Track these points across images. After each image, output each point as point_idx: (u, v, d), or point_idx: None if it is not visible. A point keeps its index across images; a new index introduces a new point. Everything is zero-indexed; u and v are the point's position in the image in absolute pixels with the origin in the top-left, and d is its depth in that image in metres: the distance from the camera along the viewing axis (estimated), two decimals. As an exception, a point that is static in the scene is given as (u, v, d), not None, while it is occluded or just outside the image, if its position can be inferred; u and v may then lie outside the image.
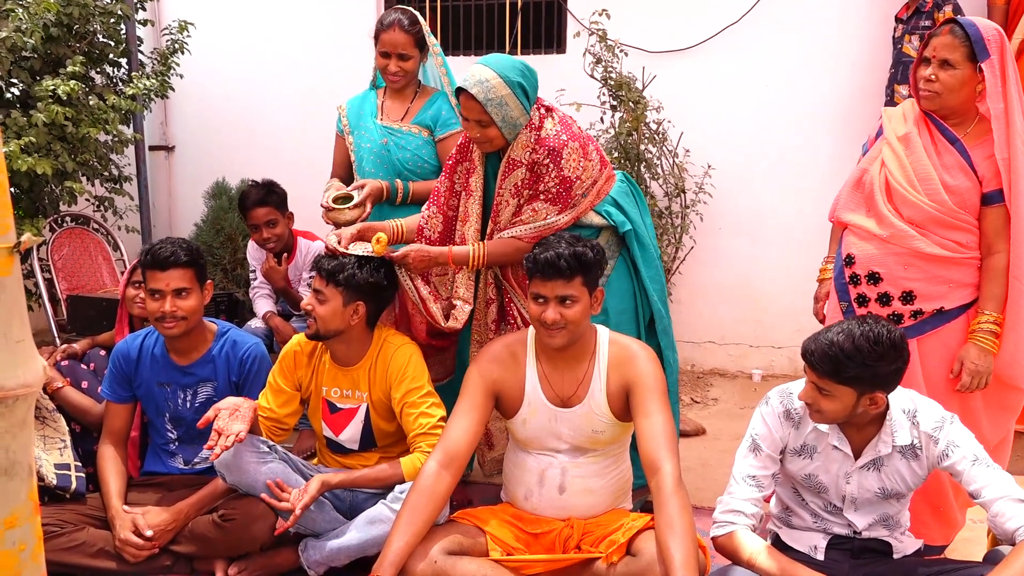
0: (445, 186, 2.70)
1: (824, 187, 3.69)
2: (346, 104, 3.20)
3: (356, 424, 2.57)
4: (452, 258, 2.54)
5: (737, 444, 2.18)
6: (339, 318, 2.47)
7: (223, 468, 2.39)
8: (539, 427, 2.31)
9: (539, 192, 2.52)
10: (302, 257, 3.62)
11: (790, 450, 2.13)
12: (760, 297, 4.61)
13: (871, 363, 1.89)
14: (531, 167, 2.52)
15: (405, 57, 2.97)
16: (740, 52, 4.49)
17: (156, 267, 2.51)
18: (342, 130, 3.15)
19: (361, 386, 2.55)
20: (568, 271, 2.17)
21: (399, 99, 3.09)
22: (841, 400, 1.95)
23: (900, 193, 2.38)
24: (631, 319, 2.66)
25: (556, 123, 2.55)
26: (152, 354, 2.63)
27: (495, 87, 2.43)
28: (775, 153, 4.51)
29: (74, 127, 3.89)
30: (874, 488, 2.08)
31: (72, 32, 4.16)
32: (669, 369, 2.74)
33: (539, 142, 2.50)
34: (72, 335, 3.67)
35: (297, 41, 5.17)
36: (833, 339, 1.92)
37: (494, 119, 2.45)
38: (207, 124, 5.38)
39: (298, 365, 2.60)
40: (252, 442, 2.40)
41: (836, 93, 4.38)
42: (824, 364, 1.92)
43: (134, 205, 4.90)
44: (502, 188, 2.56)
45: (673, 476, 2.05)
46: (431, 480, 2.15)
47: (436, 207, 2.70)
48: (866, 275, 2.44)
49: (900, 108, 2.53)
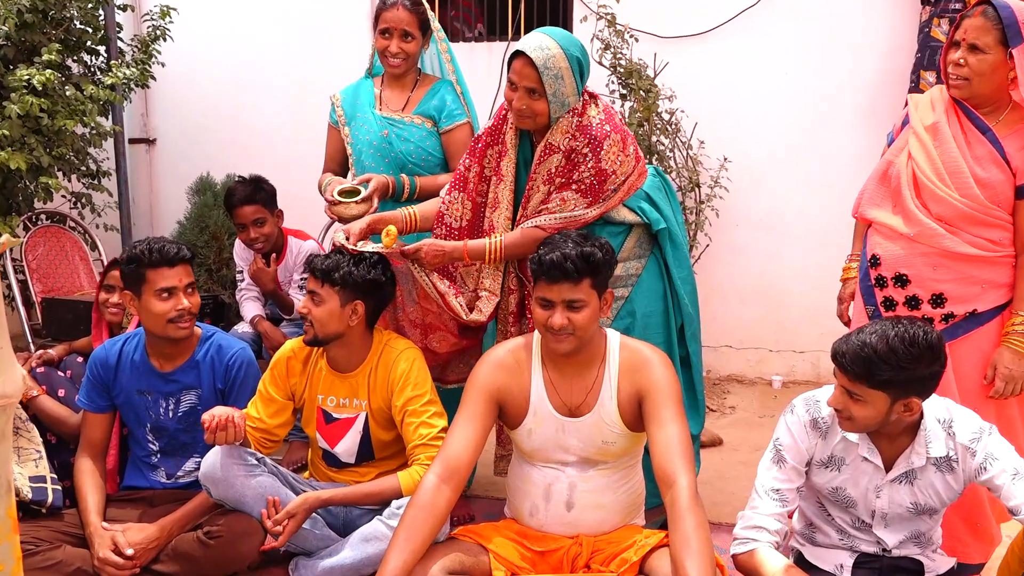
0: (474, 171, 2.67)
1: (848, 179, 3.68)
2: (340, 94, 3.16)
3: (354, 435, 2.56)
4: (468, 252, 2.55)
5: (756, 455, 2.18)
6: (337, 320, 2.46)
7: (208, 482, 2.39)
8: (545, 438, 2.30)
9: (572, 181, 2.52)
10: (292, 258, 3.61)
11: (816, 461, 2.12)
12: (781, 298, 4.60)
13: (906, 365, 1.89)
14: (568, 154, 2.52)
15: (408, 37, 2.94)
16: (758, 37, 4.48)
17: (166, 264, 2.52)
18: (336, 122, 3.13)
19: (360, 393, 2.55)
20: (576, 273, 2.16)
21: (399, 88, 3.06)
22: (874, 406, 1.94)
23: (928, 188, 2.37)
24: (660, 323, 2.65)
25: (600, 111, 2.55)
26: (132, 360, 2.63)
27: (555, 57, 2.43)
28: (795, 144, 4.49)
29: (50, 119, 3.90)
30: (906, 503, 2.07)
31: (48, 18, 4.16)
32: (698, 377, 2.73)
33: (580, 129, 2.51)
34: (48, 340, 3.67)
35: (287, 26, 5.16)
36: (866, 340, 1.91)
37: (546, 91, 2.45)
38: (191, 115, 5.38)
39: (291, 373, 2.60)
40: (240, 454, 2.40)
41: (860, 80, 4.37)
42: (856, 366, 1.91)
43: (113, 202, 4.91)
44: (535, 174, 2.56)
45: (689, 490, 2.03)
46: (430, 495, 2.14)
47: (462, 192, 2.68)
48: (892, 277, 2.43)
49: (928, 95, 2.52)
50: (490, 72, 4.70)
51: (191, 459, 2.64)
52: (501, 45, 4.80)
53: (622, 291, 2.62)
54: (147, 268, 2.51)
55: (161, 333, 2.54)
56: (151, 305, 2.52)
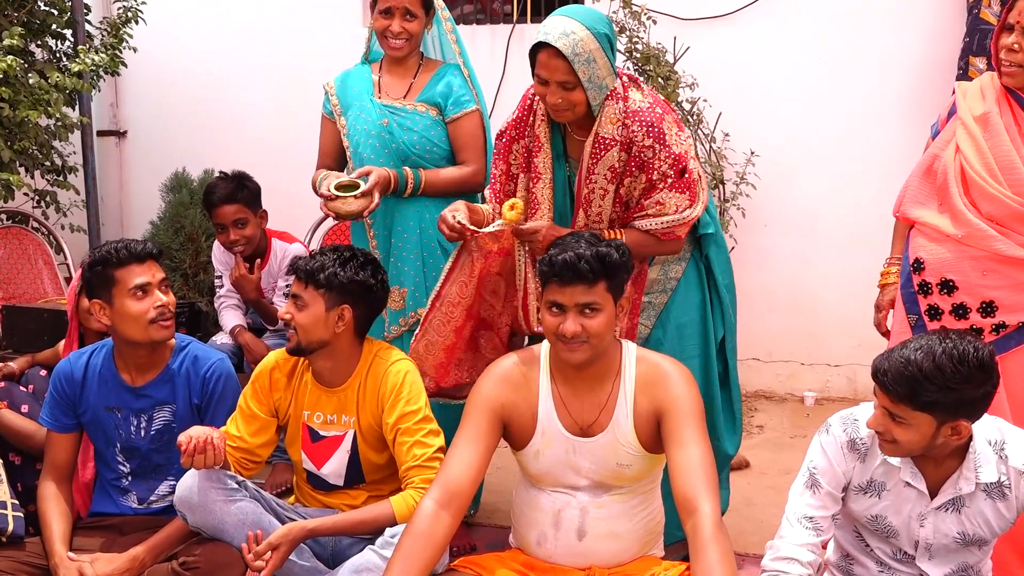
0: (500, 169, 2.68)
1: (888, 175, 3.68)
2: (334, 81, 3.15)
3: (341, 455, 2.56)
4: None
5: (786, 479, 2.18)
6: (322, 326, 2.47)
7: (184, 507, 2.38)
8: (555, 460, 2.30)
9: (655, 181, 2.51)
10: (277, 262, 3.62)
11: (854, 486, 2.12)
12: (813, 306, 4.60)
13: (954, 386, 1.87)
14: (626, 146, 2.51)
15: (411, 15, 2.92)
16: (788, 18, 4.48)
17: (134, 260, 2.53)
18: (331, 111, 3.12)
19: (348, 409, 2.55)
20: (591, 275, 2.16)
21: (400, 73, 3.05)
22: (918, 429, 1.94)
23: (978, 184, 2.37)
24: (697, 334, 2.64)
25: (646, 95, 2.55)
26: (99, 374, 2.63)
27: (583, 40, 2.40)
28: (830, 137, 4.50)
29: (11, 110, 3.92)
30: (952, 532, 2.07)
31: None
32: (736, 394, 2.73)
33: (630, 116, 2.50)
34: (8, 352, 3.68)
35: (270, 8, 5.19)
36: (910, 356, 1.90)
37: (581, 79, 2.43)
38: (164, 105, 5.40)
39: (275, 387, 2.60)
40: (219, 477, 2.39)
41: (901, 66, 4.37)
42: (899, 386, 1.91)
43: (80, 200, 4.92)
44: (593, 173, 2.53)
45: (713, 518, 2.03)
46: (428, 522, 2.14)
47: (493, 195, 2.69)
48: (938, 283, 2.43)
49: (977, 83, 2.52)
50: (493, 58, 4.71)
51: (165, 482, 2.65)
52: (505, 28, 4.81)
53: (660, 297, 2.61)
54: (115, 268, 2.52)
55: (143, 338, 2.54)
56: (127, 307, 2.52)
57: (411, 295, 2.98)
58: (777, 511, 2.14)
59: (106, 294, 2.54)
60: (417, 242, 2.99)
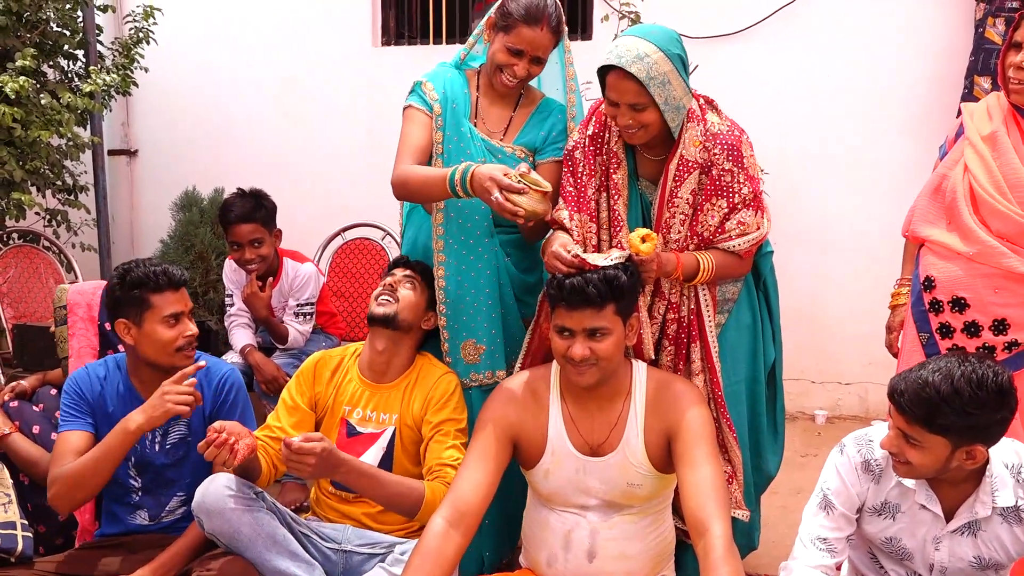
0: (593, 186, 2.56)
1: (897, 191, 3.69)
2: (430, 81, 2.72)
3: (376, 451, 2.58)
4: (682, 268, 2.42)
5: (798, 499, 2.17)
6: (417, 315, 2.64)
7: (202, 512, 2.38)
8: (564, 480, 2.30)
9: (736, 204, 2.46)
10: (288, 282, 3.63)
11: (868, 508, 2.11)
12: (824, 323, 4.59)
13: (972, 411, 1.86)
14: (706, 168, 2.46)
15: (539, 62, 2.65)
16: (797, 36, 4.50)
17: (172, 287, 2.55)
18: (430, 108, 2.69)
19: (391, 406, 2.59)
20: (599, 298, 2.16)
21: (500, 102, 2.75)
22: (932, 452, 1.93)
23: (987, 202, 2.37)
24: (747, 356, 2.60)
25: (723, 117, 2.51)
26: (115, 388, 2.64)
27: (657, 63, 2.33)
28: (839, 154, 4.50)
29: (23, 130, 3.95)
30: (968, 556, 2.06)
31: (22, 21, 4.23)
32: (780, 416, 2.72)
33: (710, 138, 2.45)
34: (18, 371, 3.69)
35: (279, 28, 5.23)
36: (928, 378, 1.88)
37: (656, 100, 2.36)
38: (175, 124, 5.44)
39: (318, 380, 2.66)
40: (239, 486, 2.39)
41: (908, 85, 4.38)
42: (916, 408, 1.89)
43: (90, 219, 4.95)
44: (676, 196, 2.47)
45: (724, 539, 2.02)
46: (438, 540, 2.13)
47: (581, 211, 2.54)
48: (949, 301, 2.43)
49: (983, 103, 2.52)
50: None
51: (175, 497, 2.64)
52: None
53: (719, 318, 2.56)
54: (151, 292, 2.53)
55: (166, 363, 2.55)
56: (156, 332, 2.53)
57: (489, 354, 2.73)
58: (788, 531, 2.13)
59: (136, 315, 2.54)
60: (495, 289, 2.72)
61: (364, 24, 5.10)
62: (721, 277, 2.51)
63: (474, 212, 2.65)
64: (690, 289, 2.51)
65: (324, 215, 4.75)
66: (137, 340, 2.56)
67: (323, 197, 5.02)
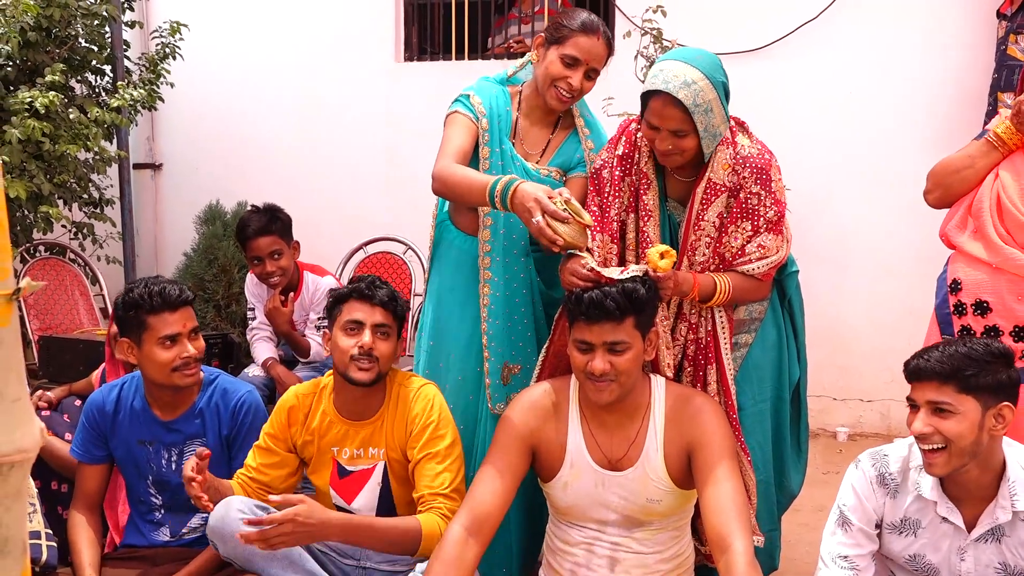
0: (617, 207, 2.53)
1: (919, 208, 3.64)
2: (478, 95, 2.68)
3: (372, 488, 2.55)
4: (699, 289, 2.42)
5: (819, 516, 2.16)
6: (394, 358, 2.48)
7: (216, 536, 2.38)
8: (583, 493, 2.30)
9: (759, 228, 2.44)
10: (309, 295, 3.65)
11: (888, 525, 2.10)
12: (845, 338, 4.57)
13: (990, 360, 1.95)
14: (734, 191, 2.44)
15: (593, 76, 2.60)
16: (818, 54, 4.50)
17: (168, 308, 2.53)
18: (477, 118, 2.65)
19: (377, 440, 2.53)
20: (618, 312, 2.16)
21: (539, 123, 2.72)
22: (965, 417, 1.94)
23: (1013, 214, 2.38)
24: (771, 377, 2.57)
25: (754, 140, 2.49)
26: (131, 407, 2.65)
27: (703, 90, 2.30)
28: (861, 170, 4.49)
29: (52, 144, 4.00)
30: (994, 563, 2.05)
31: (51, 37, 4.29)
32: (804, 435, 2.70)
33: (740, 162, 2.42)
34: (44, 382, 3.73)
35: (304, 44, 5.28)
36: (943, 349, 1.98)
37: (696, 127, 2.33)
38: (199, 139, 5.50)
39: (292, 422, 2.55)
40: (251, 509, 2.40)
41: (931, 98, 4.37)
42: (944, 365, 1.95)
43: (116, 232, 5.00)
44: (703, 219, 2.45)
45: (746, 556, 2.01)
46: (457, 548, 2.12)
47: (604, 232, 2.52)
48: (972, 304, 2.43)
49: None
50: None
51: (196, 515, 2.66)
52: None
53: (745, 337, 2.54)
54: (148, 314, 2.52)
55: (166, 382, 2.56)
56: (153, 354, 2.53)
57: (525, 373, 2.67)
58: (810, 548, 2.13)
59: (136, 336, 2.55)
60: (529, 308, 2.69)
61: (387, 40, 5.14)
62: (738, 300, 2.48)
63: (517, 229, 2.61)
64: (707, 310, 2.48)
65: (346, 229, 4.79)
66: (138, 360, 2.58)
67: (345, 211, 5.06)
